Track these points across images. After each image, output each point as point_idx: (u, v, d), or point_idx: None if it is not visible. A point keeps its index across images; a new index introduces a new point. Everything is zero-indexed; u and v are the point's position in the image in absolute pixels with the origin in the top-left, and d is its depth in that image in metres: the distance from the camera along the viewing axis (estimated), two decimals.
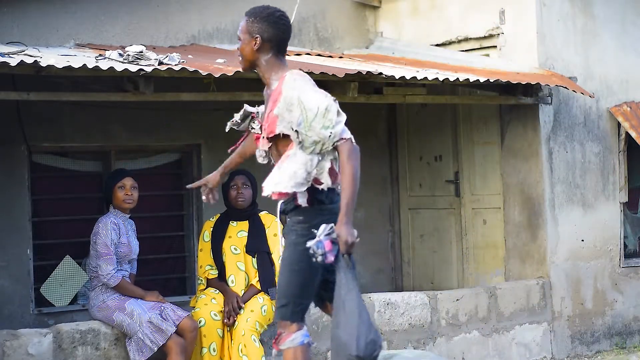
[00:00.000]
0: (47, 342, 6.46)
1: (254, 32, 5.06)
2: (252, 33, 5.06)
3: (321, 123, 4.88)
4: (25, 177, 8.08)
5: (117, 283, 6.67)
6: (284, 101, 4.93)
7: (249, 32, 5.06)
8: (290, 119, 4.91)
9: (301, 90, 4.94)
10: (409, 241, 9.84)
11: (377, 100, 8.55)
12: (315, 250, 4.77)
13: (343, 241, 4.77)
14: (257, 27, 5.07)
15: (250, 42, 5.06)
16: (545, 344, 8.67)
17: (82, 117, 8.20)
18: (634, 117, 9.18)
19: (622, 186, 9.33)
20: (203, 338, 6.83)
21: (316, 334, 7.46)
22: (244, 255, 7.12)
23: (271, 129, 4.97)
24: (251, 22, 5.07)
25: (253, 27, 5.06)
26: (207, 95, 7.32)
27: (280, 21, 5.18)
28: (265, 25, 5.08)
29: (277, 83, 5.02)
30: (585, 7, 9.09)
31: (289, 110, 4.92)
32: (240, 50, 5.09)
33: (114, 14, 8.51)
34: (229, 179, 7.19)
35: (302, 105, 4.90)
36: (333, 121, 4.89)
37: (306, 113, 4.89)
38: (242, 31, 5.07)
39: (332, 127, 4.88)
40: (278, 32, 5.14)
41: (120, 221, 6.85)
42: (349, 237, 4.77)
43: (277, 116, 4.93)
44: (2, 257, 7.92)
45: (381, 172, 9.89)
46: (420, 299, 7.97)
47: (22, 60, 6.35)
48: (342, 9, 9.82)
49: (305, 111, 4.89)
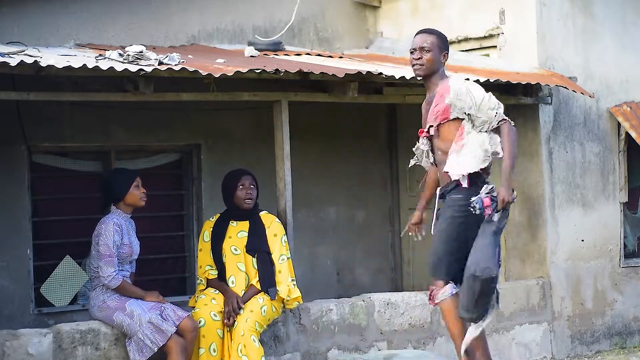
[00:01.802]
0: (47, 342, 6.46)
1: (444, 48, 6.34)
2: (443, 49, 6.32)
3: (487, 106, 6.12)
4: (25, 177, 8.08)
5: (118, 285, 6.67)
6: (454, 92, 6.14)
7: (440, 47, 6.30)
8: (461, 105, 6.12)
9: (467, 84, 6.25)
10: (409, 241, 9.82)
11: (377, 100, 8.55)
12: (475, 205, 5.93)
13: (501, 199, 5.93)
14: (445, 45, 6.36)
15: (440, 55, 6.29)
16: (545, 344, 8.68)
17: (82, 117, 8.20)
18: (634, 117, 9.18)
19: (622, 186, 9.33)
20: (202, 338, 6.83)
21: (316, 334, 7.47)
22: (244, 255, 7.12)
23: (445, 115, 6.16)
24: (441, 40, 6.33)
25: (443, 43, 6.34)
26: (207, 95, 7.32)
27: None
28: (447, 44, 6.41)
29: (441, 85, 6.24)
30: (585, 7, 9.09)
31: (459, 99, 6.13)
32: (428, 60, 6.25)
33: (114, 14, 8.51)
34: (236, 179, 7.18)
35: (471, 94, 6.15)
36: (495, 104, 6.14)
37: (475, 99, 6.13)
38: (434, 45, 6.27)
39: (496, 108, 6.13)
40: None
41: (122, 221, 6.84)
42: (507, 196, 5.94)
43: (450, 105, 6.14)
44: (2, 257, 7.92)
45: (381, 172, 9.89)
46: (420, 299, 7.97)
47: (22, 60, 6.36)
48: (342, 9, 9.83)
49: (474, 98, 6.13)
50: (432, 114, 6.24)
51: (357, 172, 9.67)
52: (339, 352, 7.53)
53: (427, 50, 6.27)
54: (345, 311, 7.62)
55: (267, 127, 7.76)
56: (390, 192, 9.93)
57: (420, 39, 6.32)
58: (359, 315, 7.67)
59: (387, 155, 9.92)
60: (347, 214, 9.66)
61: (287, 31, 9.30)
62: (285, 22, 9.30)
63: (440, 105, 6.19)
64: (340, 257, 9.63)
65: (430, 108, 6.28)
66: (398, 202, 9.92)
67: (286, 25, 9.28)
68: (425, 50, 6.27)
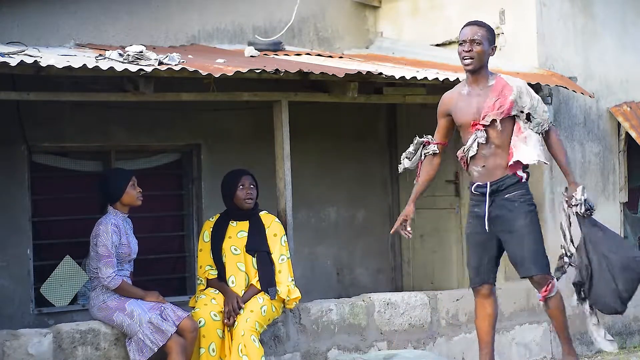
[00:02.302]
0: (47, 342, 6.46)
1: (492, 41, 6.39)
2: (492, 42, 6.38)
3: (541, 108, 6.33)
4: (25, 177, 8.08)
5: (118, 285, 6.67)
6: (516, 90, 6.28)
7: (489, 40, 6.36)
8: (521, 104, 6.26)
9: (525, 83, 6.42)
10: (409, 241, 9.81)
11: (377, 100, 8.55)
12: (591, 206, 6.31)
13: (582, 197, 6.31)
14: (494, 38, 6.42)
15: (490, 48, 6.36)
16: (545, 344, 8.67)
17: (82, 117, 8.20)
18: (634, 117, 9.18)
19: (622, 186, 9.33)
20: (202, 338, 6.83)
21: (316, 334, 7.47)
22: (244, 255, 7.12)
23: (508, 111, 6.26)
24: (490, 32, 6.39)
25: (492, 36, 6.40)
26: (207, 95, 7.32)
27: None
28: (495, 37, 6.46)
29: (494, 80, 6.35)
30: (585, 7, 9.09)
31: (520, 97, 6.26)
32: (479, 52, 6.30)
33: (114, 14, 8.51)
34: (236, 180, 7.18)
35: (530, 94, 6.33)
36: (545, 108, 6.38)
37: (533, 100, 6.30)
38: (484, 38, 6.32)
39: (547, 112, 6.38)
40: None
41: (120, 221, 6.84)
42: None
43: (513, 102, 6.25)
44: (2, 257, 7.92)
45: (381, 172, 9.89)
46: (420, 299, 7.98)
47: (22, 60, 6.35)
48: (342, 9, 9.83)
49: (532, 99, 6.31)
50: (491, 108, 6.28)
51: (357, 172, 9.67)
52: (339, 352, 7.53)
53: (477, 43, 6.30)
54: (345, 311, 7.62)
55: (267, 127, 7.76)
56: (390, 192, 9.93)
57: (470, 31, 6.34)
58: (359, 315, 7.67)
59: (387, 155, 9.92)
60: (347, 214, 9.66)
61: (287, 31, 9.29)
62: (285, 22, 9.30)
63: (502, 100, 6.27)
64: (340, 257, 9.63)
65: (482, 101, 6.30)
66: (398, 202, 9.91)
67: (286, 25, 9.28)
68: (476, 42, 6.30)
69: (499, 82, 6.35)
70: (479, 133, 6.32)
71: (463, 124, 6.42)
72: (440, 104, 6.60)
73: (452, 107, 6.47)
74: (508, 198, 6.33)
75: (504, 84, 6.33)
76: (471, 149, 6.35)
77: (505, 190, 6.32)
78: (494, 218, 6.36)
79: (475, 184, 6.42)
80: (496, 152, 6.31)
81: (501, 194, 6.33)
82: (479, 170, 6.38)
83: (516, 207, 6.32)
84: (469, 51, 6.31)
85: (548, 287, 6.40)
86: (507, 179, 6.32)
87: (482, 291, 6.54)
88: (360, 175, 9.71)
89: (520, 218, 6.32)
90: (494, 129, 6.29)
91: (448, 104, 6.50)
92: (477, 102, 6.34)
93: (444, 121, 6.59)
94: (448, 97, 6.54)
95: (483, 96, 6.34)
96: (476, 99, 6.35)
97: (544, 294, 6.41)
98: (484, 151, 6.33)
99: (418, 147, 6.69)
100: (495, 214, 6.35)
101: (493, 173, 6.33)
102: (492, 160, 6.33)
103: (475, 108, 6.34)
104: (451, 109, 6.49)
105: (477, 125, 6.31)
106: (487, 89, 6.35)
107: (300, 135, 8.28)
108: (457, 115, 6.44)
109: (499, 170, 6.32)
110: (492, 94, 6.32)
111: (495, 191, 6.33)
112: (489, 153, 6.33)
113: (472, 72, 6.36)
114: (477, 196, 6.42)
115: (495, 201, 6.34)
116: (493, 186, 6.33)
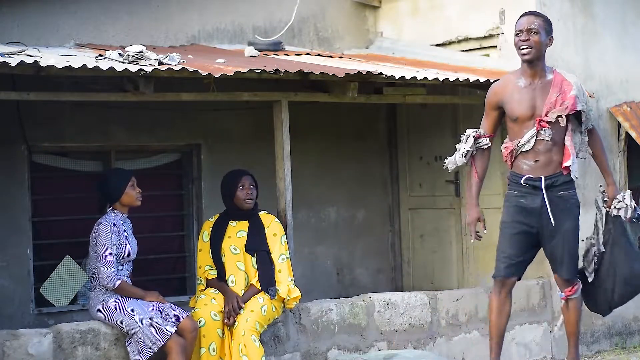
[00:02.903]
0: (47, 342, 6.46)
1: (550, 32, 6.26)
2: (549, 32, 6.25)
3: (589, 107, 6.26)
4: (25, 177, 8.08)
5: (117, 285, 6.67)
6: (576, 87, 6.17)
7: (547, 30, 6.22)
8: (583, 100, 6.19)
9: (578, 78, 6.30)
10: (409, 241, 9.84)
11: (377, 100, 8.55)
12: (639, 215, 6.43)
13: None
14: (551, 28, 6.29)
15: (547, 39, 6.23)
16: (545, 344, 8.67)
17: (82, 117, 8.20)
18: (634, 117, 9.18)
19: (622, 186, 9.32)
20: (202, 338, 6.83)
21: (316, 334, 7.47)
22: (244, 255, 7.12)
23: (574, 107, 6.14)
24: (547, 23, 6.26)
25: (549, 27, 6.26)
26: (207, 95, 7.32)
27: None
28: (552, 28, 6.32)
29: (552, 74, 6.22)
30: (585, 7, 9.09)
31: (581, 94, 6.18)
32: (536, 42, 6.15)
33: (114, 14, 8.51)
34: (236, 180, 7.18)
35: (583, 91, 6.24)
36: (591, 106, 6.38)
37: (587, 98, 6.26)
38: (541, 27, 6.19)
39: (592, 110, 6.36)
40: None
41: (119, 222, 6.84)
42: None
43: (575, 97, 6.14)
44: (2, 257, 7.92)
45: (381, 172, 9.89)
46: (420, 299, 7.98)
47: (22, 60, 6.35)
48: (342, 9, 9.83)
49: (586, 96, 6.26)
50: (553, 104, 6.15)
51: (357, 172, 9.67)
52: (339, 352, 7.53)
53: (535, 32, 6.16)
54: (345, 311, 7.62)
55: (267, 127, 7.76)
56: (390, 192, 9.93)
57: (527, 21, 6.21)
58: (359, 315, 7.67)
59: (387, 155, 9.92)
60: (347, 214, 9.66)
61: (287, 31, 9.29)
62: (285, 22, 9.30)
63: (563, 96, 6.15)
64: (340, 257, 9.63)
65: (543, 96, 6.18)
66: (398, 202, 9.92)
67: (286, 25, 9.28)
68: (533, 32, 6.16)
69: (557, 77, 6.23)
70: (546, 130, 6.18)
71: (520, 117, 6.24)
72: (492, 95, 6.41)
73: (507, 98, 6.29)
74: (562, 196, 6.27)
75: (562, 79, 6.22)
76: (528, 143, 6.22)
77: (560, 187, 6.25)
78: (543, 213, 6.26)
79: (525, 176, 6.26)
80: (552, 149, 6.21)
81: (555, 190, 6.25)
82: (530, 164, 6.25)
83: (568, 207, 6.29)
84: (526, 40, 6.15)
85: (574, 287, 6.41)
86: (561, 176, 6.25)
87: (508, 283, 6.41)
88: (360, 175, 9.71)
89: (570, 219, 6.29)
90: (554, 126, 6.17)
91: (501, 94, 6.32)
92: (537, 96, 6.21)
93: (495, 113, 6.41)
94: (500, 87, 6.37)
95: (543, 90, 6.21)
96: (536, 93, 6.22)
97: (568, 293, 6.40)
98: (540, 147, 6.22)
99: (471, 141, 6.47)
100: (545, 209, 6.24)
101: (546, 168, 6.23)
102: (547, 156, 6.22)
103: (535, 102, 6.20)
104: (505, 101, 6.30)
105: (541, 121, 6.17)
106: (547, 82, 6.23)
107: (300, 135, 8.28)
108: (514, 108, 6.25)
109: (552, 166, 6.23)
110: (553, 89, 6.19)
111: (549, 186, 6.23)
112: (545, 149, 6.22)
113: (530, 63, 6.20)
114: (526, 188, 6.28)
115: (547, 196, 6.24)
116: (548, 181, 6.23)
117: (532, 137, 6.20)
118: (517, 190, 6.36)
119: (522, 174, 6.31)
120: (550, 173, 6.24)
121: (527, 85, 6.24)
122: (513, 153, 6.32)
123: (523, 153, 6.28)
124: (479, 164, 6.50)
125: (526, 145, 6.23)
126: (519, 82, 6.28)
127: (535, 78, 6.24)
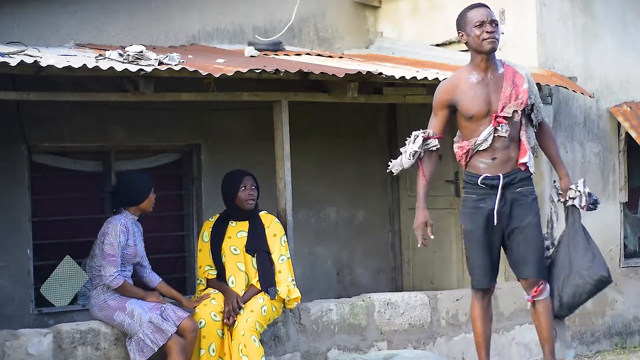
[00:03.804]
0: (47, 342, 6.46)
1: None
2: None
3: (539, 99, 6.14)
4: (25, 177, 8.08)
5: (119, 285, 6.67)
6: (526, 78, 6.05)
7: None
8: (533, 92, 6.06)
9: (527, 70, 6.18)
10: (409, 241, 9.83)
11: (377, 100, 8.55)
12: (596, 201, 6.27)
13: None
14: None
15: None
16: None
17: (82, 117, 8.20)
18: (634, 117, 9.18)
19: (622, 186, 9.33)
20: (202, 339, 6.83)
21: (316, 334, 7.47)
22: (244, 255, 7.12)
23: (526, 102, 6.00)
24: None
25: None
26: (207, 95, 7.33)
27: None
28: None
29: (502, 67, 6.05)
30: (585, 7, 9.09)
31: (532, 85, 6.05)
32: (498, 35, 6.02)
33: (114, 14, 8.51)
34: (238, 180, 7.18)
35: (533, 82, 6.13)
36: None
37: (536, 89, 6.12)
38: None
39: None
40: None
41: (129, 223, 6.84)
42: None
43: (527, 90, 6.01)
44: (2, 257, 7.92)
45: (381, 172, 9.87)
46: (420, 299, 7.98)
47: (22, 60, 6.36)
48: (342, 9, 9.83)
49: (535, 87, 6.11)
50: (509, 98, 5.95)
51: (357, 172, 9.67)
52: (339, 352, 7.53)
53: (496, 24, 6.00)
54: (345, 311, 7.62)
55: (267, 127, 7.76)
56: (390, 192, 9.93)
57: (486, 12, 6.00)
58: (359, 315, 7.68)
59: (387, 155, 9.89)
60: (347, 214, 9.66)
61: (287, 31, 9.30)
62: (285, 22, 9.30)
63: (517, 89, 5.97)
64: (340, 257, 9.63)
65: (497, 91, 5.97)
66: (398, 202, 9.92)
67: (286, 25, 9.28)
68: (496, 23, 5.99)
69: (509, 70, 6.03)
70: (503, 127, 5.93)
71: (475, 115, 5.96)
72: (442, 93, 6.09)
73: (460, 96, 6.00)
74: (520, 192, 6.03)
75: (513, 71, 6.03)
76: (485, 141, 5.97)
77: (518, 184, 6.01)
78: (503, 213, 6.02)
79: (482, 176, 5.99)
80: (509, 145, 5.98)
81: (513, 187, 6.00)
82: (487, 163, 5.99)
83: (528, 203, 6.04)
84: (492, 32, 5.93)
85: (539, 287, 6.09)
86: (519, 172, 6.02)
87: (489, 291, 6.19)
88: (360, 175, 9.71)
89: (530, 215, 6.03)
90: (510, 121, 5.95)
91: (453, 92, 6.02)
92: (491, 91, 5.98)
93: (445, 112, 6.08)
94: (452, 85, 6.07)
95: (496, 85, 5.99)
96: (490, 88, 5.99)
97: (534, 294, 6.10)
98: (497, 144, 5.97)
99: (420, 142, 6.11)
100: (506, 208, 6.01)
101: (504, 166, 5.98)
102: (505, 153, 5.98)
103: (490, 98, 5.97)
104: (458, 99, 6.01)
105: (498, 117, 5.93)
106: (499, 77, 6.00)
107: (300, 135, 8.28)
108: (467, 106, 5.98)
109: (510, 163, 5.98)
110: (506, 82, 5.98)
111: (507, 184, 5.98)
112: (502, 146, 5.97)
113: (489, 55, 5.97)
114: (483, 189, 6.01)
115: (505, 195, 5.99)
116: (506, 178, 5.98)
117: (490, 135, 5.95)
118: (474, 193, 6.07)
119: (478, 173, 6.03)
120: (509, 170, 5.99)
121: (480, 80, 5.99)
122: (469, 153, 6.05)
123: (479, 152, 6.01)
124: (426, 166, 6.13)
125: (483, 144, 5.97)
126: (471, 77, 6.01)
127: (487, 72, 6.00)
